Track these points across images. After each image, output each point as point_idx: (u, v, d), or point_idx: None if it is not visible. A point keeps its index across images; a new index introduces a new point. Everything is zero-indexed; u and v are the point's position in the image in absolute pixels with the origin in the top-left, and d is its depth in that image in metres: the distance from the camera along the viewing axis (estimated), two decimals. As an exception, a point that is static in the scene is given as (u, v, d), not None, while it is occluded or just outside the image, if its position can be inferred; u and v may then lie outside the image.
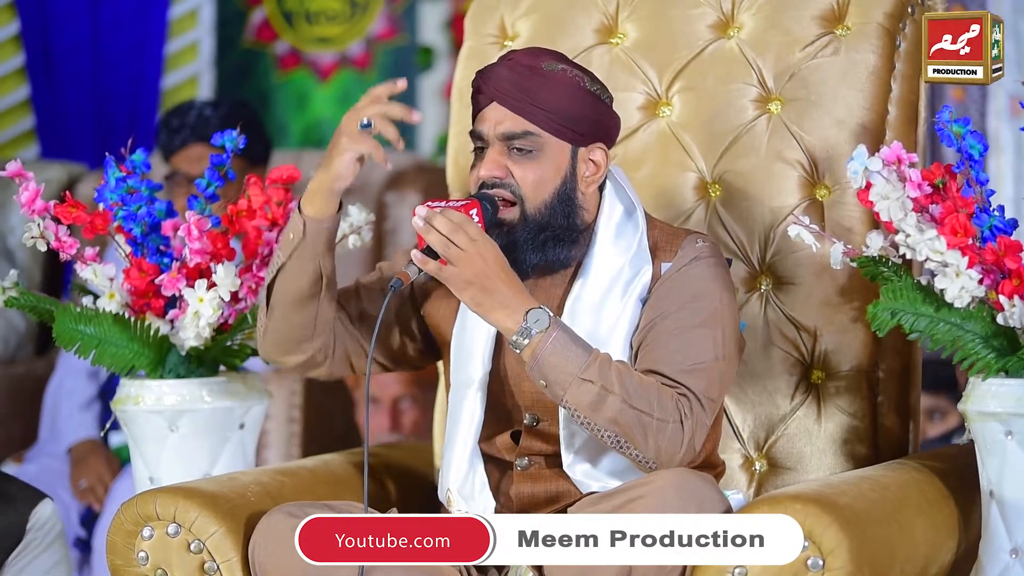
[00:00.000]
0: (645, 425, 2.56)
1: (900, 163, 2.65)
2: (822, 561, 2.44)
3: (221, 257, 3.00)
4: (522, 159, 2.69)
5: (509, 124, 2.69)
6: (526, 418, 2.74)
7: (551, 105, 2.68)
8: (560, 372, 2.57)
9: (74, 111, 5.80)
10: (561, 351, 2.57)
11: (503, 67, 2.72)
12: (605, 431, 2.57)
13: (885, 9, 3.01)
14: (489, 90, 2.71)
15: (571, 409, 2.58)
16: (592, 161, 2.74)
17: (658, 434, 2.56)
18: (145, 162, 3.09)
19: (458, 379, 2.78)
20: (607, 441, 2.58)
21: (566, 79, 2.71)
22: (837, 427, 2.96)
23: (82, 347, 3.01)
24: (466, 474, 2.74)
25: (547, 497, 2.72)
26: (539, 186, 2.69)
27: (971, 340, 2.60)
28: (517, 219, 2.69)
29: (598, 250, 2.73)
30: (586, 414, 2.57)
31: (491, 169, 2.69)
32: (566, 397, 2.57)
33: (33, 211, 3.00)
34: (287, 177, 3.04)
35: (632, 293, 2.70)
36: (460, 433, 2.76)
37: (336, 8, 6.11)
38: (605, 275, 2.71)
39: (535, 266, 2.71)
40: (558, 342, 2.57)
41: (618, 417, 2.56)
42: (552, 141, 2.69)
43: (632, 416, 2.56)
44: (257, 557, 2.62)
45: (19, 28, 5.80)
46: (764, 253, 3.00)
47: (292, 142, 6.07)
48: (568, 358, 2.57)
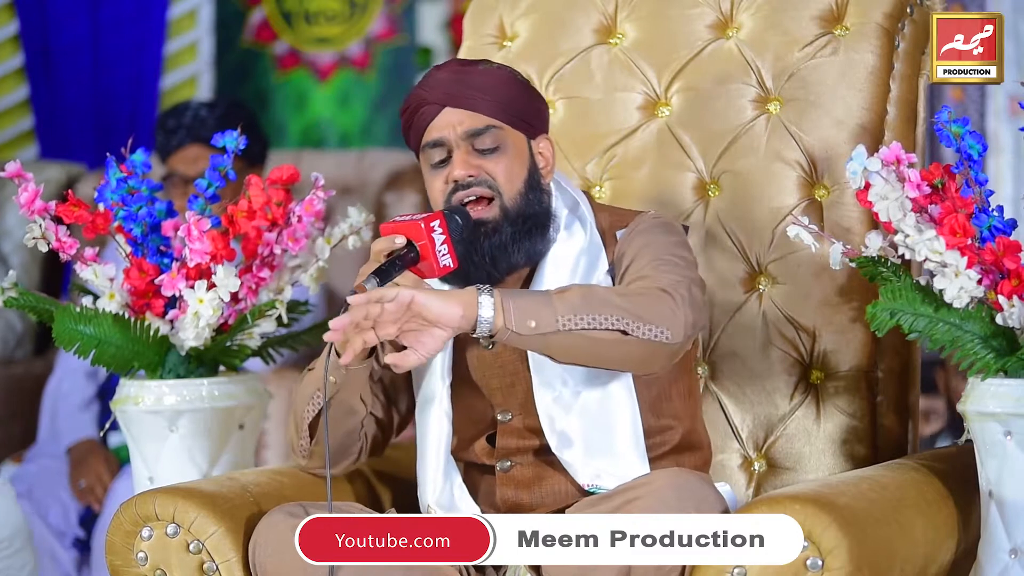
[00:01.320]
0: (637, 304, 2.52)
1: (899, 163, 2.65)
2: (821, 561, 2.44)
3: (221, 257, 3.00)
4: (490, 155, 2.69)
5: (470, 122, 2.69)
6: (498, 416, 2.74)
7: (501, 96, 2.69)
8: (536, 304, 2.50)
9: (74, 111, 5.80)
10: (521, 295, 2.52)
11: (443, 73, 2.72)
12: (610, 318, 2.49)
13: (884, 9, 3.02)
14: (438, 96, 2.70)
15: (569, 320, 2.49)
16: (541, 154, 2.75)
17: (656, 305, 2.53)
18: (145, 162, 3.09)
19: (422, 395, 2.78)
20: (618, 324, 2.49)
21: (503, 73, 2.73)
22: (836, 427, 2.96)
23: (82, 347, 3.01)
24: (443, 488, 2.73)
25: (531, 503, 2.71)
26: (511, 178, 2.69)
27: (970, 340, 2.60)
28: (499, 215, 2.68)
29: (552, 246, 2.73)
30: (586, 311, 2.49)
31: (465, 168, 2.67)
32: (557, 315, 2.49)
33: (32, 212, 3.00)
34: (287, 178, 3.04)
35: (599, 272, 2.70)
36: (430, 448, 2.75)
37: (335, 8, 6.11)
38: (565, 262, 2.71)
39: (523, 261, 2.70)
40: (515, 293, 2.52)
41: (611, 300, 2.51)
42: (513, 133, 2.69)
43: (622, 300, 2.52)
44: (257, 557, 2.62)
45: (19, 28, 5.81)
46: (763, 253, 3.01)
47: (291, 142, 6.07)
48: (533, 295, 2.53)
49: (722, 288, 3.01)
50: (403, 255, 2.59)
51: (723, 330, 3.01)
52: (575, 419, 2.67)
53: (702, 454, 2.80)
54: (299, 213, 3.04)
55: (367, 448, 2.83)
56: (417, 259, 2.60)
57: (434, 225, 2.59)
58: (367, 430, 2.81)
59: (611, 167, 3.13)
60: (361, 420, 2.77)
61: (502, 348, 2.72)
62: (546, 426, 2.68)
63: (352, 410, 2.74)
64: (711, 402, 3.01)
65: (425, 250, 2.60)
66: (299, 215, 3.04)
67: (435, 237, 2.59)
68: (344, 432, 2.76)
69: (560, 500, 2.70)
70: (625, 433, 2.67)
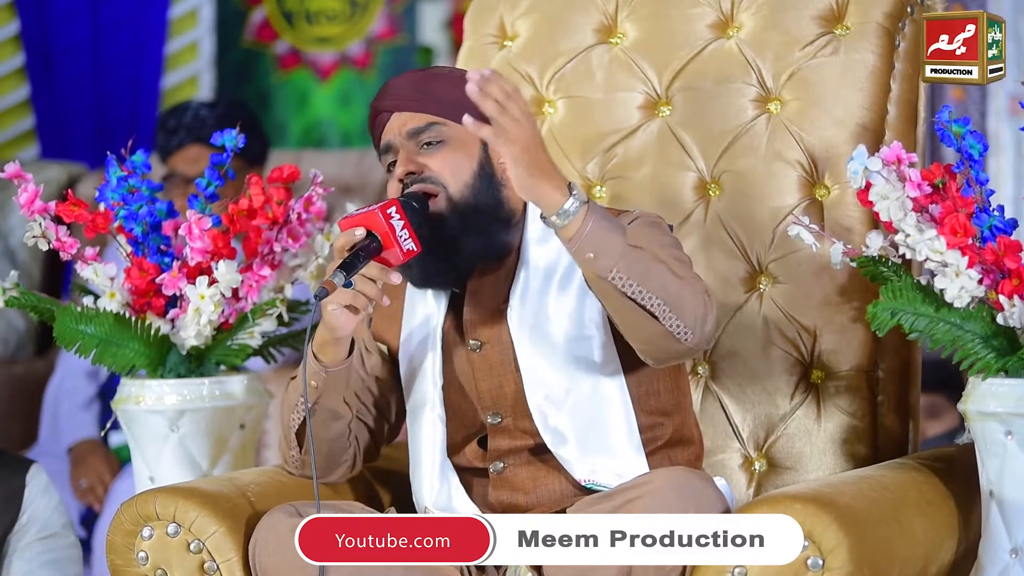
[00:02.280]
0: (683, 295, 2.54)
1: (900, 163, 2.65)
2: (822, 561, 2.44)
3: (222, 256, 3.01)
4: (432, 151, 2.70)
5: (413, 122, 2.71)
6: (488, 419, 2.74)
7: (449, 96, 2.69)
8: (608, 242, 2.51)
9: (74, 111, 5.81)
10: (604, 221, 2.52)
11: (393, 82, 2.77)
12: (654, 297, 2.52)
13: (884, 9, 3.02)
14: (388, 103, 2.74)
15: (622, 279, 2.51)
16: None
17: (694, 302, 2.55)
18: (145, 163, 3.09)
19: (413, 399, 2.78)
20: (655, 307, 2.52)
21: (456, 75, 2.73)
22: (837, 427, 2.96)
23: (83, 347, 3.02)
24: (439, 489, 2.73)
25: (527, 504, 2.71)
26: (456, 172, 2.69)
27: (971, 340, 2.60)
28: (445, 207, 2.68)
29: (532, 238, 2.72)
30: (638, 281, 2.51)
31: (406, 166, 2.69)
32: (617, 266, 2.51)
33: (32, 212, 3.00)
34: (287, 176, 3.04)
35: (576, 275, 2.70)
36: (425, 451, 2.75)
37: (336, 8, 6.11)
38: (545, 260, 2.71)
39: (480, 252, 2.69)
40: (599, 212, 2.53)
41: (666, 283, 2.53)
42: (458, 129, 2.65)
43: (675, 283, 2.54)
44: (257, 557, 2.62)
45: (19, 28, 5.81)
46: (764, 253, 3.00)
47: (292, 142, 6.07)
48: (611, 228, 2.53)
49: (723, 288, 3.00)
50: (366, 246, 2.60)
51: (724, 330, 3.00)
52: (567, 415, 2.67)
53: (694, 448, 2.80)
54: (298, 210, 3.04)
55: (360, 455, 2.83)
56: (380, 248, 2.61)
57: (391, 212, 2.60)
58: (357, 436, 2.81)
59: (611, 167, 3.13)
60: (348, 424, 2.77)
61: (489, 350, 2.73)
62: (539, 424, 2.68)
63: (337, 414, 2.74)
64: (712, 401, 3.01)
65: (387, 238, 2.60)
66: (299, 212, 3.04)
67: (394, 224, 2.60)
68: (331, 437, 2.76)
69: (556, 501, 2.70)
70: (619, 428, 2.68)
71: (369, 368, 2.82)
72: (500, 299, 2.72)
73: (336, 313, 2.62)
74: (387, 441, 2.89)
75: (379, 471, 2.99)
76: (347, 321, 2.63)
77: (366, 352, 2.82)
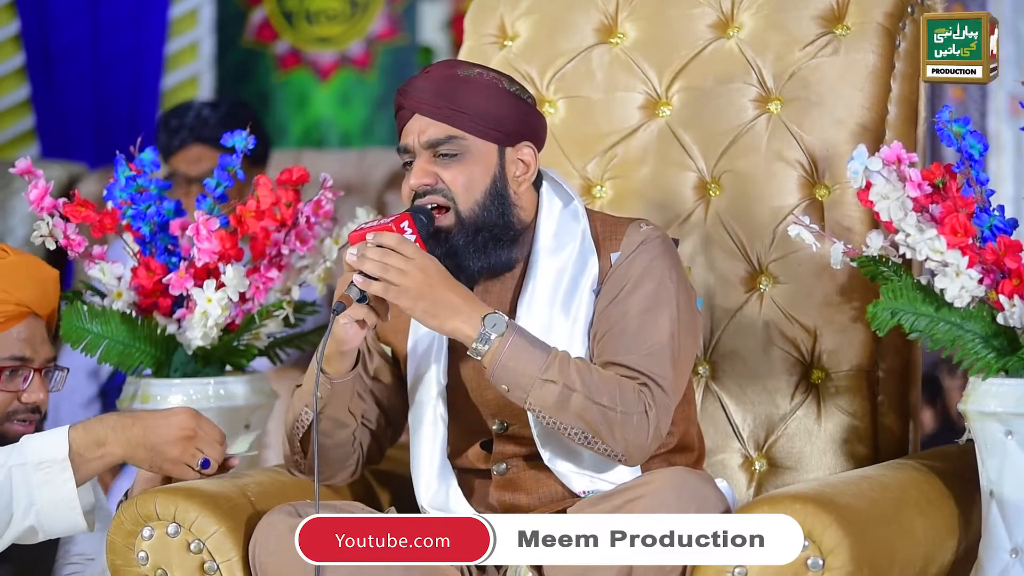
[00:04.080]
0: (610, 420, 2.57)
1: (900, 163, 2.65)
2: (822, 561, 2.44)
3: (229, 257, 3.00)
4: (449, 163, 2.69)
5: (432, 131, 2.69)
6: (495, 425, 2.74)
7: (471, 107, 2.68)
8: (521, 375, 2.57)
9: (74, 111, 5.81)
10: (520, 354, 2.57)
11: (421, 79, 2.73)
12: (572, 428, 2.58)
13: (885, 9, 3.02)
14: (410, 103, 2.71)
15: (536, 411, 2.59)
16: (521, 160, 2.73)
17: (624, 427, 2.58)
18: (154, 161, 3.10)
19: (416, 396, 2.79)
20: (575, 438, 2.59)
21: (484, 81, 2.71)
22: (837, 427, 2.96)
23: (89, 345, 3.02)
24: (437, 490, 2.74)
25: (528, 504, 2.71)
26: (469, 187, 2.69)
27: (971, 340, 2.60)
28: (453, 224, 2.68)
29: (543, 248, 2.72)
30: (551, 414, 2.58)
31: (420, 177, 2.68)
32: (529, 399, 2.58)
33: (42, 209, 3.00)
34: (297, 178, 3.04)
35: (583, 287, 2.70)
36: (424, 452, 2.75)
37: (336, 8, 6.12)
38: (553, 272, 2.71)
39: (480, 270, 2.70)
40: (516, 345, 2.57)
41: (583, 414, 2.57)
42: (477, 143, 2.68)
43: (597, 412, 2.57)
44: (257, 557, 2.62)
45: (19, 28, 5.81)
46: (764, 253, 3.00)
47: (292, 142, 6.08)
48: (528, 360, 2.57)
49: (723, 288, 3.01)
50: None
51: (724, 330, 3.01)
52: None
53: (693, 455, 2.80)
54: (307, 214, 3.04)
55: (363, 459, 2.83)
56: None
57: (404, 226, 2.61)
58: (361, 441, 2.81)
59: (612, 167, 3.13)
60: (352, 432, 2.77)
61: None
62: (538, 439, 2.69)
63: (341, 423, 2.74)
64: (712, 401, 3.01)
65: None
66: (308, 216, 3.04)
67: (407, 238, 2.61)
68: (335, 444, 2.76)
69: (558, 501, 2.70)
70: None
71: (371, 371, 2.82)
72: (507, 308, 2.72)
73: (347, 327, 2.63)
74: (391, 443, 2.89)
75: (379, 471, 2.99)
76: (356, 335, 2.64)
77: (368, 355, 2.82)
